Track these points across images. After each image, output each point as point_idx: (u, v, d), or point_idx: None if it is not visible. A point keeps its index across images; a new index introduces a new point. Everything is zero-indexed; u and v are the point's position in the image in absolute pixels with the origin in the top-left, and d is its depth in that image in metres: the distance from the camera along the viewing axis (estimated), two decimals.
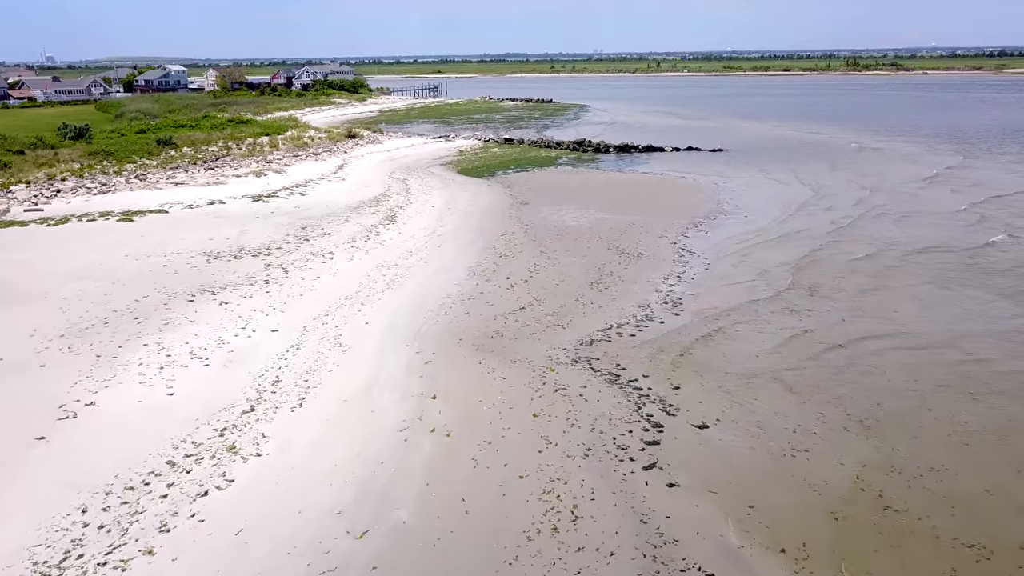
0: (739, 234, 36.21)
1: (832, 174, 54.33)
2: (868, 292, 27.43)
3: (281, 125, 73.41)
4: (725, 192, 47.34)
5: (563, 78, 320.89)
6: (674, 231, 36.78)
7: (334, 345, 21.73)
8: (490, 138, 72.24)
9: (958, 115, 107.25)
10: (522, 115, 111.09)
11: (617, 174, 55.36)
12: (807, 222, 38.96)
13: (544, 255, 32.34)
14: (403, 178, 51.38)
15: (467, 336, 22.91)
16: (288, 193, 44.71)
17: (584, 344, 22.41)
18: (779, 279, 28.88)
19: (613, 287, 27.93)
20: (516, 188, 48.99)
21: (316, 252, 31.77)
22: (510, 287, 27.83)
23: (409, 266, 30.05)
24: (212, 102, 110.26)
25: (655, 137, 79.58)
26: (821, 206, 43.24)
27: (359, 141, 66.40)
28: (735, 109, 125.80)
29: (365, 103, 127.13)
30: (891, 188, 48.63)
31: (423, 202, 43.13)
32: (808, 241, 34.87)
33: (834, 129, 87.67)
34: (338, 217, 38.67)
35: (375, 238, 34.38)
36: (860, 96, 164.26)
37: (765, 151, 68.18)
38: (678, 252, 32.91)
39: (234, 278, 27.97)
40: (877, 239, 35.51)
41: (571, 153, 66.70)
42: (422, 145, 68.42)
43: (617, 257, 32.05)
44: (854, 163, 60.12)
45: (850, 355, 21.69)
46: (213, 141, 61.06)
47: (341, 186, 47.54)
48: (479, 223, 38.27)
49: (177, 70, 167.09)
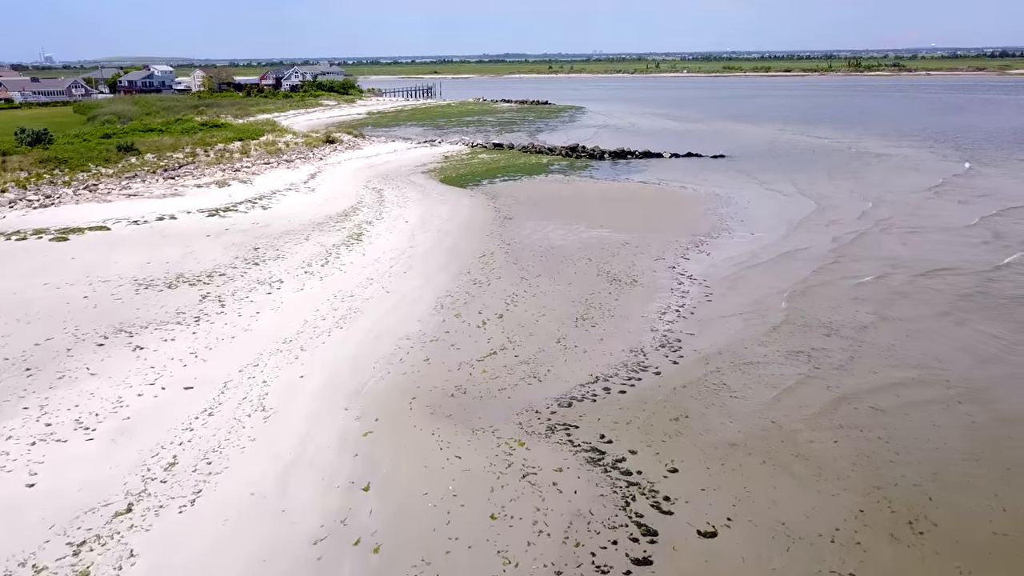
0: (742, 254, 32.34)
1: (834, 183, 50.45)
2: (875, 327, 23.48)
3: (258, 129, 69.46)
4: (727, 204, 43.45)
5: (561, 79, 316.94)
6: (672, 251, 32.87)
7: (256, 409, 17.78)
8: (478, 143, 68.33)
9: (964, 117, 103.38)
10: (515, 118, 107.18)
11: (611, 184, 51.45)
12: (810, 239, 35.08)
13: (525, 282, 28.41)
14: (379, 188, 47.44)
15: (422, 393, 18.98)
16: (249, 206, 40.75)
17: (563, 404, 18.49)
18: (783, 311, 24.97)
19: (602, 324, 24.01)
20: (501, 200, 45.07)
21: (263, 280, 27.81)
22: (482, 324, 23.90)
23: (367, 297, 26.10)
24: (194, 104, 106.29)
25: (653, 141, 75.71)
26: (824, 219, 39.48)
27: (338, 147, 62.45)
28: (736, 111, 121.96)
29: (354, 105, 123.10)
30: (896, 199, 44.85)
31: (396, 217, 39.19)
32: (811, 263, 30.96)
33: (837, 133, 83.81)
34: (298, 235, 34.72)
35: (334, 262, 30.42)
36: (863, 98, 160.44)
37: (767, 157, 64.31)
38: (676, 278, 28.99)
39: (160, 314, 24.02)
40: (882, 259, 31.83)
41: (563, 159, 62.78)
42: (405, 151, 64.48)
43: (607, 285, 28.13)
44: (857, 171, 56.23)
45: (873, 415, 17.78)
46: (180, 147, 57.11)
47: (309, 198, 43.58)
48: (455, 242, 34.33)
49: (164, 70, 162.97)
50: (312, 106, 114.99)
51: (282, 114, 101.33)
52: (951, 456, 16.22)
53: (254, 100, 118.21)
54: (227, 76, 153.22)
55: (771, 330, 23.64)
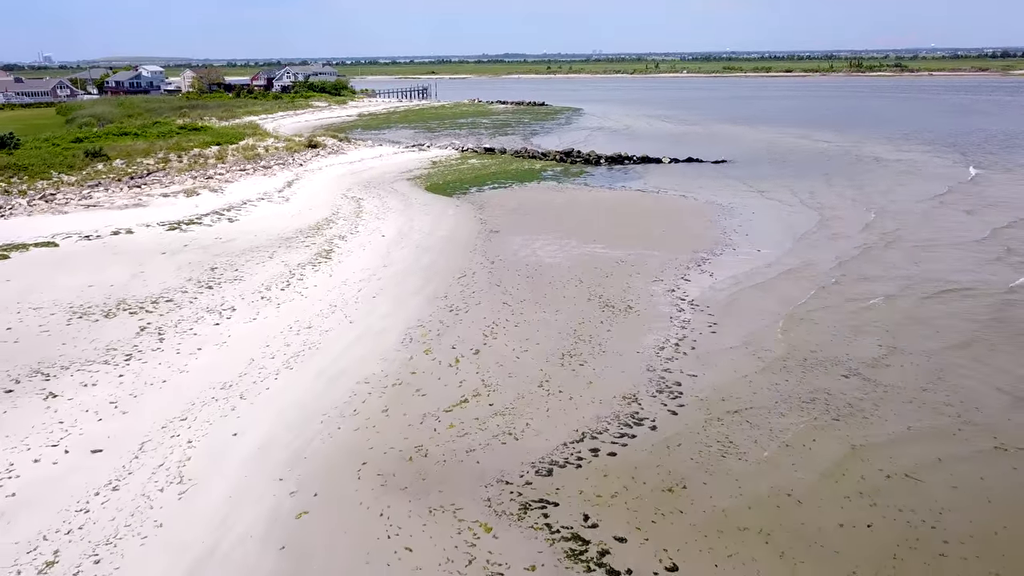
0: (746, 274, 29.50)
1: (837, 191, 47.54)
2: (891, 362, 20.54)
3: (239, 133, 66.51)
4: (729, 215, 40.55)
5: (559, 79, 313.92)
6: (672, 271, 29.94)
7: (172, 480, 14.85)
8: (469, 147, 65.36)
9: (969, 120, 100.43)
10: (510, 120, 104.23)
11: (607, 192, 48.51)
12: (814, 255, 32.24)
13: (507, 308, 25.48)
14: (358, 197, 44.49)
15: (375, 457, 16.06)
16: (215, 219, 37.80)
17: (542, 471, 15.57)
18: (790, 344, 22.05)
19: (592, 362, 21.08)
20: (488, 210, 42.14)
21: (213, 307, 24.85)
22: (454, 362, 20.97)
23: (327, 329, 23.15)
24: (180, 105, 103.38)
25: (651, 145, 72.80)
26: (827, 232, 36.73)
27: (320, 152, 59.47)
28: (736, 113, 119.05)
29: (345, 106, 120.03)
30: (900, 209, 42.07)
31: (372, 230, 36.24)
32: (815, 283, 28.12)
33: (840, 136, 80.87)
34: (262, 253, 31.76)
35: (296, 284, 27.46)
36: (865, 99, 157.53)
37: (769, 162, 61.36)
38: (676, 303, 26.07)
39: (88, 350, 21.08)
40: (890, 278, 29.05)
41: (557, 165, 59.84)
42: (391, 156, 61.52)
43: (600, 312, 25.20)
44: (860, 177, 53.31)
45: (910, 485, 14.86)
46: (154, 152, 54.17)
47: (281, 209, 40.62)
48: (434, 260, 31.39)
49: (154, 71, 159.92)
50: (302, 108, 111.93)
51: (270, 116, 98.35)
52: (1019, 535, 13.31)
53: (242, 101, 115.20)
54: (217, 76, 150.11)
55: (779, 368, 20.75)
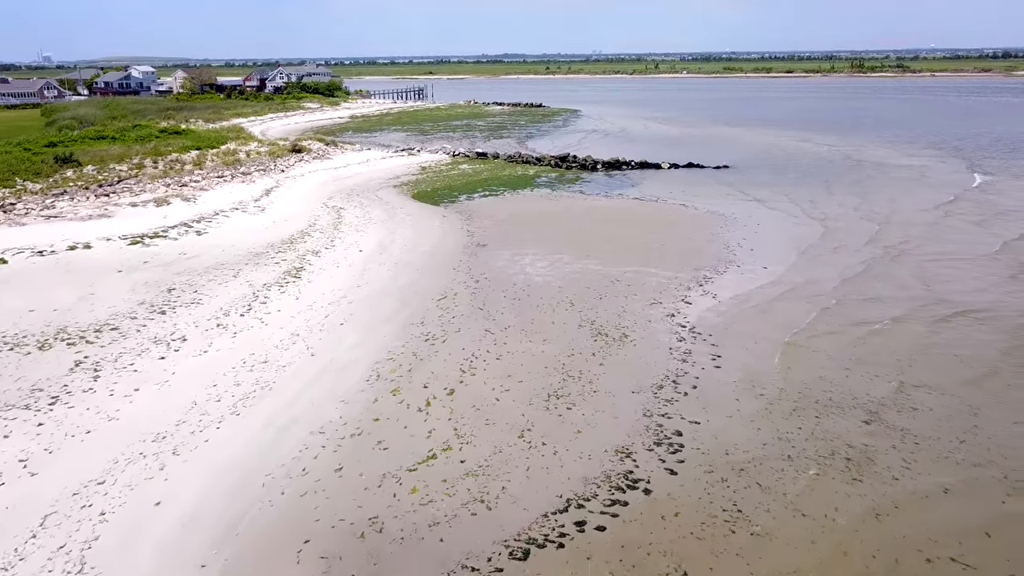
0: (749, 294, 27.17)
1: (840, 200, 45.11)
2: (912, 400, 18.06)
3: (221, 136, 64.03)
4: (732, 226, 38.11)
5: (558, 80, 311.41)
6: (671, 292, 27.48)
7: (72, 570, 12.36)
8: (461, 152, 62.85)
9: (976, 122, 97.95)
10: (506, 122, 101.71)
11: (604, 201, 46.01)
12: (819, 271, 29.85)
13: (490, 337, 23.02)
14: (339, 207, 42.00)
15: (320, 532, 13.59)
16: (183, 231, 35.31)
17: (516, 554, 13.11)
18: (800, 382, 19.57)
19: (581, 405, 18.61)
20: (477, 221, 39.67)
21: (162, 337, 22.37)
22: (425, 405, 18.51)
23: (285, 364, 20.67)
24: (167, 107, 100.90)
25: (651, 149, 70.35)
26: (831, 245, 34.47)
27: (304, 157, 56.95)
28: (737, 115, 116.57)
29: (337, 108, 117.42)
30: (905, 219, 39.75)
31: (350, 244, 33.76)
32: (821, 304, 25.61)
33: (843, 140, 78.42)
34: (227, 271, 29.27)
35: (259, 309, 24.98)
36: (868, 101, 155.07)
37: (772, 168, 58.85)
38: (676, 331, 23.61)
39: (11, 391, 18.60)
40: (898, 300, 26.71)
41: (552, 171, 57.35)
42: (379, 161, 59.01)
43: (592, 341, 22.74)
44: (863, 184, 50.81)
45: (956, 568, 12.42)
46: (129, 157, 51.70)
47: (255, 220, 38.14)
48: (413, 279, 28.90)
49: (146, 71, 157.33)
50: (293, 109, 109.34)
51: (259, 118, 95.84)
52: None
53: (232, 103, 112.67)
54: (209, 77, 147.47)
55: (790, 411, 18.31)
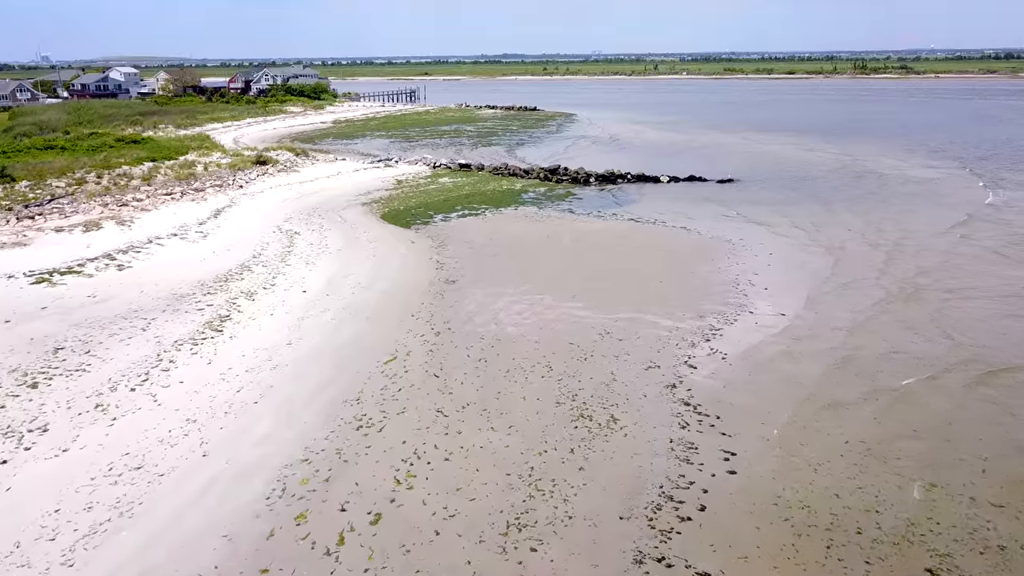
0: (760, 348, 22.48)
1: (848, 221, 40.33)
2: (969, 499, 13.17)
3: (184, 145, 59.07)
4: (738, 256, 33.27)
5: (556, 81, 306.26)
6: (672, 351, 22.58)
7: None
8: (442, 163, 57.85)
9: (986, 128, 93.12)
10: (497, 127, 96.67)
11: (596, 222, 41.05)
12: (832, 316, 25.22)
13: (441, 422, 18.11)
14: (294, 231, 37.03)
15: None
16: (104, 264, 30.35)
17: None
18: (839, 495, 14.63)
19: (549, 543, 13.71)
20: (450, 248, 34.75)
21: (17, 426, 17.40)
22: (337, 543, 13.61)
23: (165, 469, 15.71)
24: (142, 111, 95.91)
25: (649, 159, 65.46)
26: (842, 278, 30.19)
27: (268, 170, 51.93)
28: (740, 120, 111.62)
29: (322, 112, 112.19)
30: (916, 245, 35.38)
31: (295, 282, 28.79)
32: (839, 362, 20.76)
33: (849, 147, 73.47)
34: (138, 321, 24.32)
35: (157, 379, 20.01)
36: (875, 104, 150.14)
37: (780, 182, 53.87)
38: (678, 412, 18.71)
39: None
40: (919, 354, 21.91)
41: (541, 184, 52.40)
42: (351, 174, 53.99)
43: (571, 429, 17.83)
44: (871, 202, 45.97)
45: None
46: (72, 170, 46.74)
47: (194, 249, 33.17)
48: (359, 332, 23.95)
49: (128, 72, 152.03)
50: (275, 113, 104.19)
51: (236, 123, 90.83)
52: None
53: (211, 106, 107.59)
54: (192, 79, 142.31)
55: (822, 552, 13.38)
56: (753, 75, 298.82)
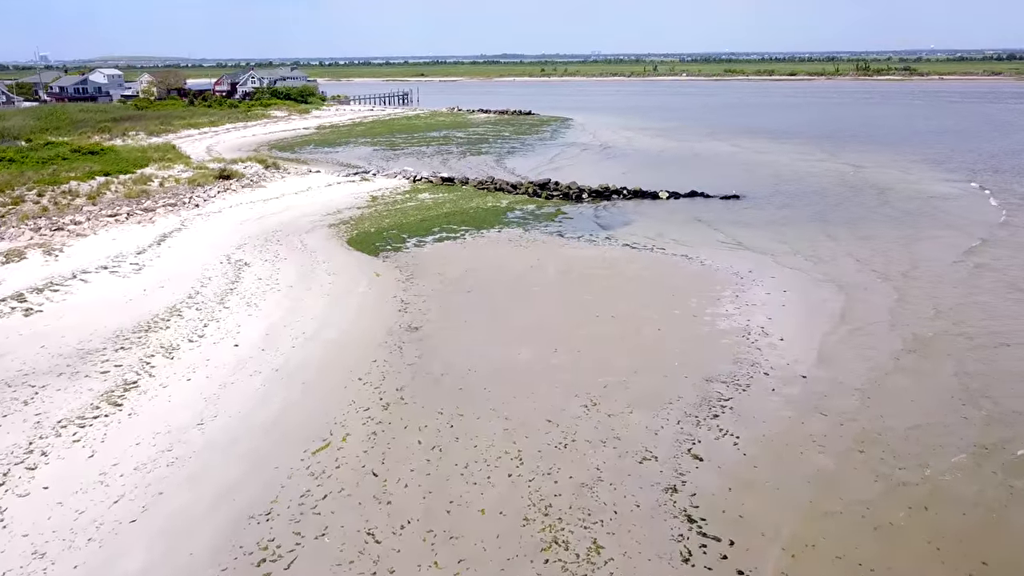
0: (777, 422, 18.20)
1: (855, 249, 36.20)
2: None
3: (145, 157, 54.77)
4: (749, 295, 29.10)
5: (553, 83, 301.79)
6: (673, 431, 18.39)
7: None
8: (423, 177, 53.51)
9: (1001, 136, 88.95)
10: (488, 133, 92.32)
11: (586, 248, 36.78)
12: (846, 377, 20.79)
13: (368, 551, 13.91)
14: (245, 261, 32.75)
15: None
16: (10, 307, 26.06)
17: None
18: None
19: None
20: (419, 282, 30.50)
21: None
22: None
23: None
24: (116, 116, 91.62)
25: (646, 171, 61.29)
26: (853, 323, 26.01)
27: (232, 185, 47.63)
28: (742, 125, 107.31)
29: (306, 117, 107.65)
30: (931, 278, 31.64)
31: (228, 331, 24.50)
32: (863, 449, 16.49)
33: (861, 158, 69.34)
34: (22, 390, 20.02)
35: (11, 486, 15.71)
36: (881, 107, 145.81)
37: (785, 199, 49.57)
38: (680, 530, 14.56)
39: None
40: (948, 432, 17.57)
41: (529, 201, 48.15)
42: (322, 189, 49.66)
43: (540, 563, 13.60)
44: (878, 222, 42.03)
45: None
46: (11, 187, 42.49)
47: (123, 286, 28.87)
48: (290, 404, 19.67)
49: (111, 74, 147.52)
50: (257, 118, 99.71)
51: (213, 129, 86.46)
52: None
53: (191, 111, 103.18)
54: (177, 81, 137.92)
55: None
56: (754, 76, 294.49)
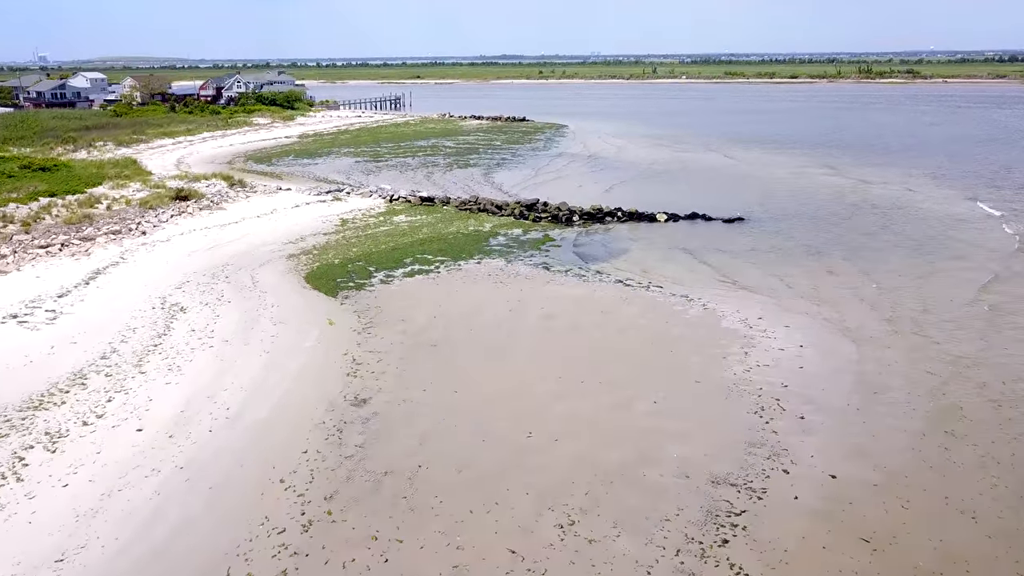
0: (799, 553, 14.02)
1: (866, 293, 32.27)
2: None
3: (100, 173, 50.62)
4: (761, 352, 25.15)
5: (550, 86, 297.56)
6: (668, 567, 14.26)
7: None
8: (401, 196, 49.28)
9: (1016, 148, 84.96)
10: (479, 142, 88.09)
11: (574, 286, 32.60)
12: (873, 466, 16.64)
13: None
14: (182, 305, 28.56)
15: None
16: None
17: None
18: None
19: None
20: (377, 334, 26.36)
21: None
22: None
23: None
24: (90, 124, 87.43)
25: (644, 186, 57.28)
26: (869, 387, 21.35)
27: (189, 207, 43.39)
28: (744, 133, 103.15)
29: (290, 124, 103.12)
30: (945, 326, 28.02)
31: (136, 407, 20.30)
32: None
33: (871, 172, 65.40)
34: None
35: None
36: (887, 114, 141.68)
37: (792, 223, 45.40)
38: None
39: None
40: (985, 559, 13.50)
41: (514, 224, 43.97)
42: (288, 211, 45.44)
43: None
44: (886, 253, 38.05)
45: None
46: None
47: (29, 340, 24.65)
48: (181, 530, 15.50)
49: (95, 78, 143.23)
50: (238, 126, 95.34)
51: (189, 138, 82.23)
52: None
53: (169, 118, 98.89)
54: (160, 85, 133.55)
55: None
56: (755, 79, 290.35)
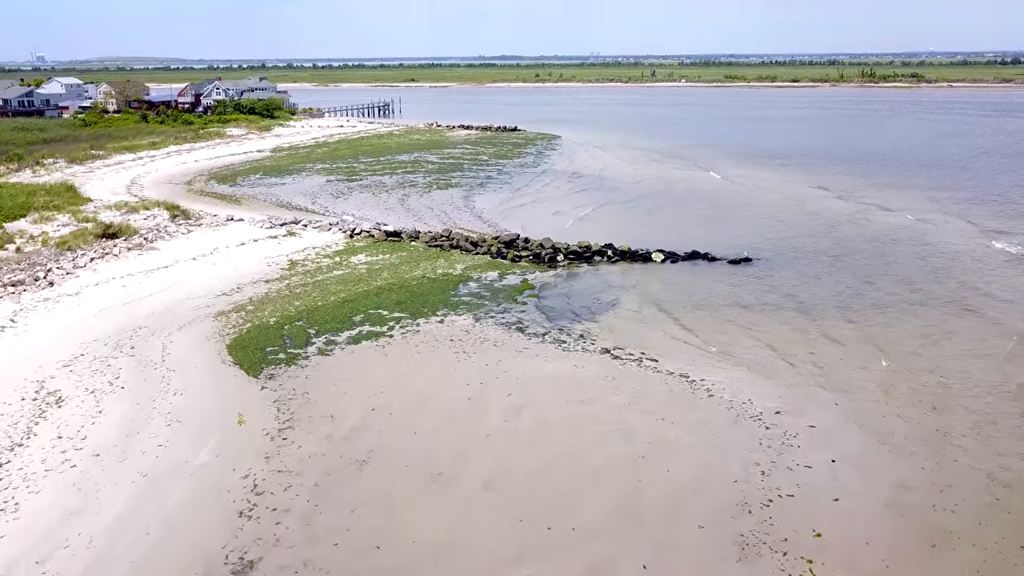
0: None
1: (882, 367, 26.65)
2: None
3: (27, 202, 45.06)
4: (782, 476, 19.58)
5: (548, 89, 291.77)
6: None
7: None
8: (363, 230, 43.64)
9: None
10: (464, 157, 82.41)
11: (551, 359, 27.02)
12: None
13: None
14: (61, 395, 22.98)
15: None
16: None
17: None
18: None
19: None
20: (295, 440, 20.85)
21: None
22: None
23: None
24: (47, 136, 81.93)
25: (639, 213, 51.90)
26: (917, 516, 15.92)
27: (116, 246, 37.66)
28: (746, 144, 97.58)
29: (266, 136, 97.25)
30: (974, 419, 21.66)
31: None
32: None
33: (876, 194, 59.95)
34: None
35: None
36: (896, 123, 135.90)
37: (802, 266, 39.91)
38: None
39: None
40: None
41: (490, 265, 38.44)
42: (233, 250, 39.74)
43: None
44: (900, 314, 32.53)
45: None
46: None
47: None
48: None
49: (70, 83, 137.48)
50: (208, 138, 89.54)
51: (152, 153, 76.54)
52: None
53: (137, 129, 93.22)
54: (136, 92, 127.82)
55: None
56: (756, 83, 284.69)
